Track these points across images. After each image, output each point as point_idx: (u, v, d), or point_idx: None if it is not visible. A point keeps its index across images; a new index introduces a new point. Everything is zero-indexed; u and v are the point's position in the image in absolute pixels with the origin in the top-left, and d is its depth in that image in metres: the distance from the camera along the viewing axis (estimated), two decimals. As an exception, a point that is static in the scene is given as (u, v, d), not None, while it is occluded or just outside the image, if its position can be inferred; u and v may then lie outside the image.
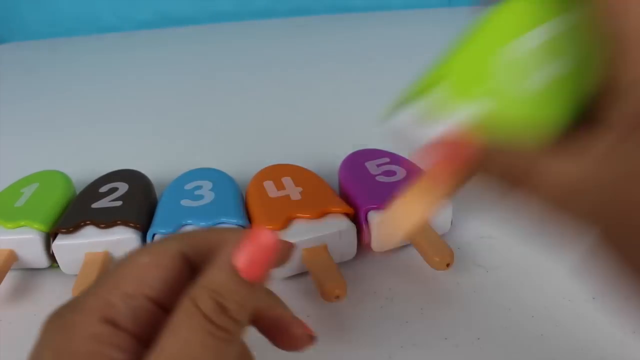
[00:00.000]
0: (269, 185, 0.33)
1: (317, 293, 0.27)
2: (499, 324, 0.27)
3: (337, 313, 0.28)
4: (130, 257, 0.18)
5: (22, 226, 0.31)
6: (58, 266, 0.31)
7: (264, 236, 0.16)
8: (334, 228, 0.30)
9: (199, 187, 0.34)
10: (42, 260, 0.32)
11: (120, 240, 0.30)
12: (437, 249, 0.28)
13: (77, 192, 0.36)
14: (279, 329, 0.20)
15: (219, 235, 0.18)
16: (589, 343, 0.26)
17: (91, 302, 0.17)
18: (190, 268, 0.18)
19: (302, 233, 0.29)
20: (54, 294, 0.31)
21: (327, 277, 0.27)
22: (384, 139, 0.38)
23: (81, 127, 0.53)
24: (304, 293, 0.30)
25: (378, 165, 0.35)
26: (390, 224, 0.18)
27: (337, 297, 0.26)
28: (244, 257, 0.16)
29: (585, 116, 0.17)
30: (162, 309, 0.17)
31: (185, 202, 0.32)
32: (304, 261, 0.29)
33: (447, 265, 0.28)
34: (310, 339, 0.20)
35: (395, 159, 0.35)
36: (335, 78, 0.62)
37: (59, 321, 0.17)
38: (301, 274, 0.30)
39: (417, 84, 0.18)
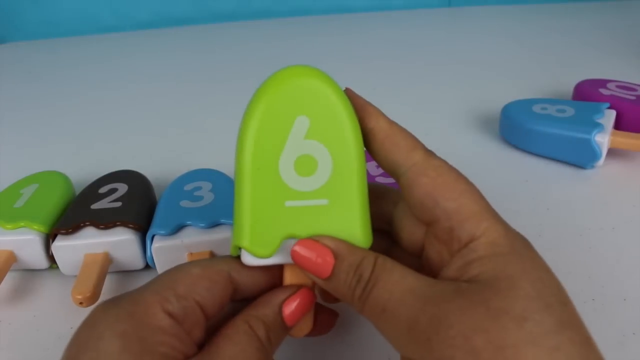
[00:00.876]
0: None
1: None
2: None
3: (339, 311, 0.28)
4: (182, 266, 0.20)
5: (22, 227, 0.31)
6: (57, 267, 0.31)
7: (308, 296, 0.21)
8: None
9: (198, 188, 0.34)
10: (41, 261, 0.32)
11: (120, 241, 0.30)
12: None
13: (77, 192, 0.36)
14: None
15: (263, 273, 0.22)
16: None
17: (150, 297, 0.19)
18: (232, 287, 0.21)
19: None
20: (53, 295, 0.31)
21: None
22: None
23: (81, 128, 0.53)
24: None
25: (377, 167, 0.35)
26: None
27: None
28: (290, 307, 0.21)
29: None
30: (204, 315, 0.20)
31: (184, 203, 0.32)
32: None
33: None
34: (335, 316, 0.24)
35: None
36: (335, 78, 0.62)
37: (120, 310, 0.18)
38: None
39: (234, 233, 0.21)
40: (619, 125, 0.40)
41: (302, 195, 0.20)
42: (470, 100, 0.52)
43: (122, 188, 0.34)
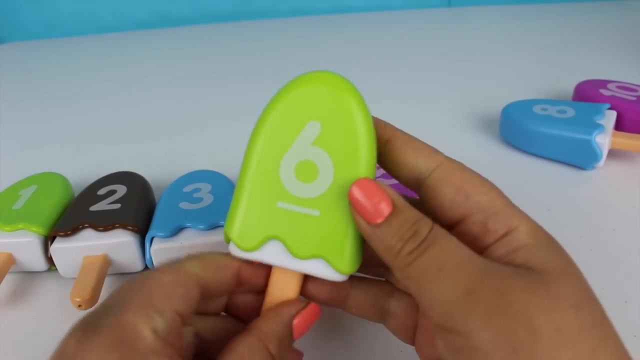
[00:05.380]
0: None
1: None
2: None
3: (336, 315, 0.28)
4: (152, 276, 0.19)
5: (20, 229, 0.31)
6: (56, 269, 0.31)
7: (316, 310, 0.22)
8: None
9: (197, 190, 0.34)
10: (40, 264, 0.31)
11: (119, 243, 0.30)
12: None
13: (76, 194, 0.36)
14: None
15: (228, 260, 0.21)
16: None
17: (133, 319, 0.17)
18: (201, 289, 0.20)
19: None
20: (52, 297, 0.31)
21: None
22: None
23: (80, 129, 0.53)
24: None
25: (378, 167, 0.35)
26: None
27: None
28: (300, 323, 0.21)
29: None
30: (183, 323, 0.19)
31: (183, 205, 0.32)
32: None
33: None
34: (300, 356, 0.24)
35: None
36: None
37: (106, 338, 0.17)
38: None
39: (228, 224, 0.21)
40: (619, 126, 0.40)
41: (295, 200, 0.20)
42: (471, 101, 0.52)
43: (121, 190, 0.34)
